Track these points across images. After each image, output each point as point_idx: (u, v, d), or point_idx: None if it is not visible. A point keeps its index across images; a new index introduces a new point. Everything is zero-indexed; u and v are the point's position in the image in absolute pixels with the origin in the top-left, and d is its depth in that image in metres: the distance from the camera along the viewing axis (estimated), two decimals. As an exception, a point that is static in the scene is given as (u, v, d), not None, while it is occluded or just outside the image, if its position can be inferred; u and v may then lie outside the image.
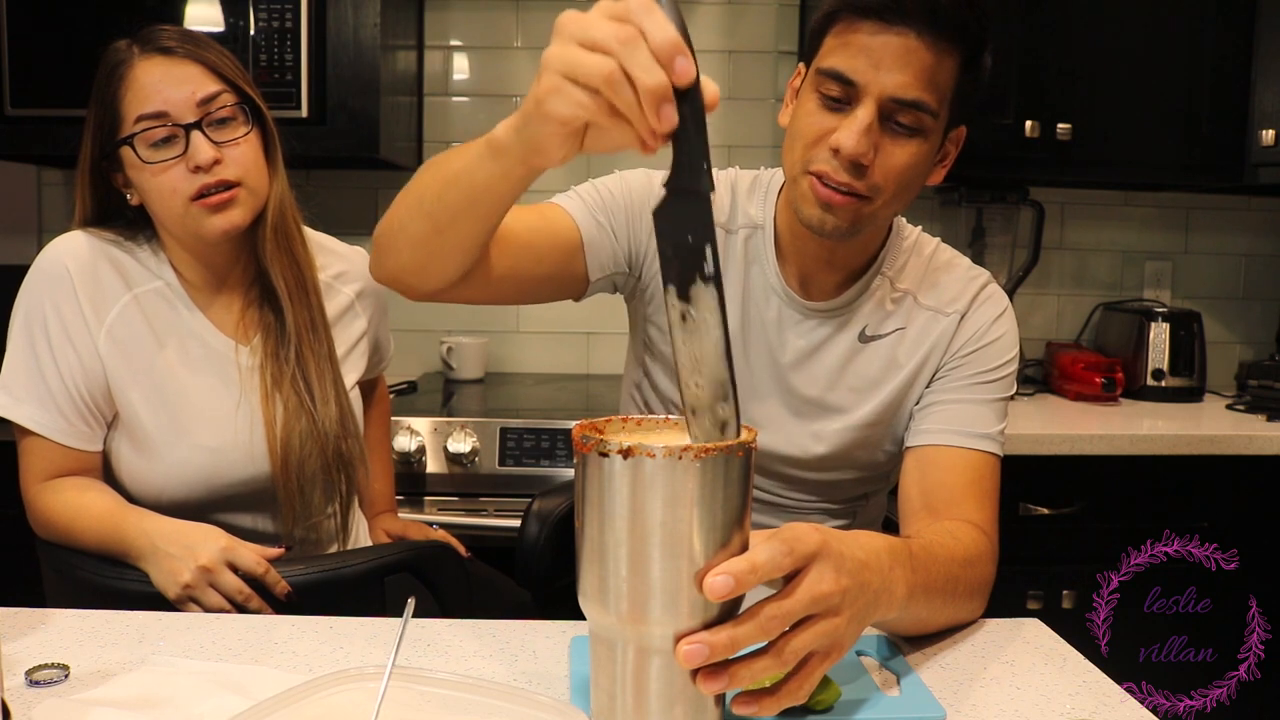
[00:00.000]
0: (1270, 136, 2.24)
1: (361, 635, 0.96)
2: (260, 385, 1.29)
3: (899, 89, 1.01)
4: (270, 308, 1.32)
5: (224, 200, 1.23)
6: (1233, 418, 2.22)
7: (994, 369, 1.17)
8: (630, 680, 0.69)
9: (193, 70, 1.23)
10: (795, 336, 1.19)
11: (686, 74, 0.63)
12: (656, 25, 0.63)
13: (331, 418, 1.30)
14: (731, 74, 2.59)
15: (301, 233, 1.35)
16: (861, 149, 1.02)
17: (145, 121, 1.21)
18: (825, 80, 1.04)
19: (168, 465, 1.25)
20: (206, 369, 1.29)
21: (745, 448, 0.68)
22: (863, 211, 1.06)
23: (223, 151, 1.22)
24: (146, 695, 0.81)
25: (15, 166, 2.48)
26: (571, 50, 0.66)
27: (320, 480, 1.30)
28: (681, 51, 0.63)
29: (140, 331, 1.26)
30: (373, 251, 1.05)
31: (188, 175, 1.21)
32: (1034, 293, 2.64)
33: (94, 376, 1.23)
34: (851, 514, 1.27)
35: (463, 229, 0.93)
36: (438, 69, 2.58)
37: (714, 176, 0.67)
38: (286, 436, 1.27)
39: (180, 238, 1.28)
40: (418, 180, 0.97)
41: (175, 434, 1.25)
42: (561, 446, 1.94)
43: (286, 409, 1.28)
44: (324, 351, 1.32)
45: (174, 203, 1.23)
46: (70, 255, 1.24)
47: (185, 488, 1.25)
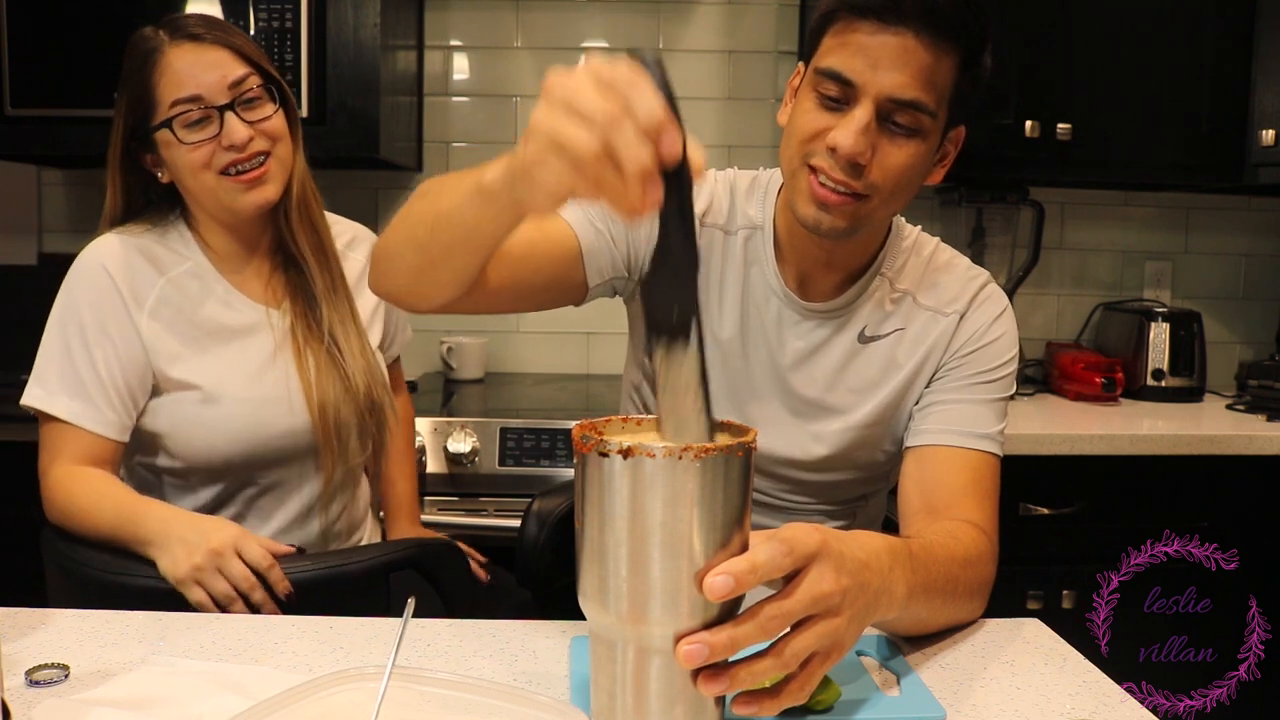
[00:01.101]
0: (1270, 136, 2.24)
1: (361, 635, 0.96)
2: (292, 343, 1.38)
3: (897, 89, 1.01)
4: (295, 273, 1.41)
5: (257, 177, 1.31)
6: (1233, 418, 2.22)
7: (993, 369, 1.17)
8: (630, 680, 0.69)
9: (222, 55, 1.30)
10: (794, 337, 1.19)
11: (672, 151, 0.62)
12: (643, 99, 0.62)
13: (359, 369, 1.39)
14: (731, 74, 2.60)
15: (320, 204, 1.44)
16: (859, 148, 1.02)
17: (181, 105, 1.28)
18: (823, 80, 1.04)
19: (215, 422, 1.32)
20: (243, 332, 1.37)
21: (745, 448, 0.68)
22: (860, 211, 1.06)
23: (254, 129, 1.30)
24: (146, 695, 0.81)
25: (15, 166, 2.48)
26: (559, 120, 0.64)
27: (355, 426, 1.39)
28: (667, 127, 0.62)
29: (178, 308, 1.34)
30: (370, 268, 1.07)
31: (220, 151, 1.29)
32: (1034, 293, 2.64)
33: (132, 363, 1.30)
34: (851, 515, 1.27)
35: (456, 262, 0.93)
36: (438, 69, 2.58)
37: (698, 246, 0.67)
38: (322, 389, 1.36)
39: (213, 212, 1.36)
40: (412, 209, 0.96)
41: (220, 393, 1.33)
42: (561, 446, 1.94)
43: (318, 364, 1.37)
44: (346, 311, 1.42)
45: (207, 178, 1.30)
46: (106, 255, 1.32)
47: (233, 442, 1.32)
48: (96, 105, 1.47)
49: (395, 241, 0.98)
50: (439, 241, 0.90)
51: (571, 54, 2.59)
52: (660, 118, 0.62)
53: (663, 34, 2.59)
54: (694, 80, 2.59)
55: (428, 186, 0.96)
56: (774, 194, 1.20)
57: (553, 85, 0.66)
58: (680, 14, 2.58)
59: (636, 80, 0.63)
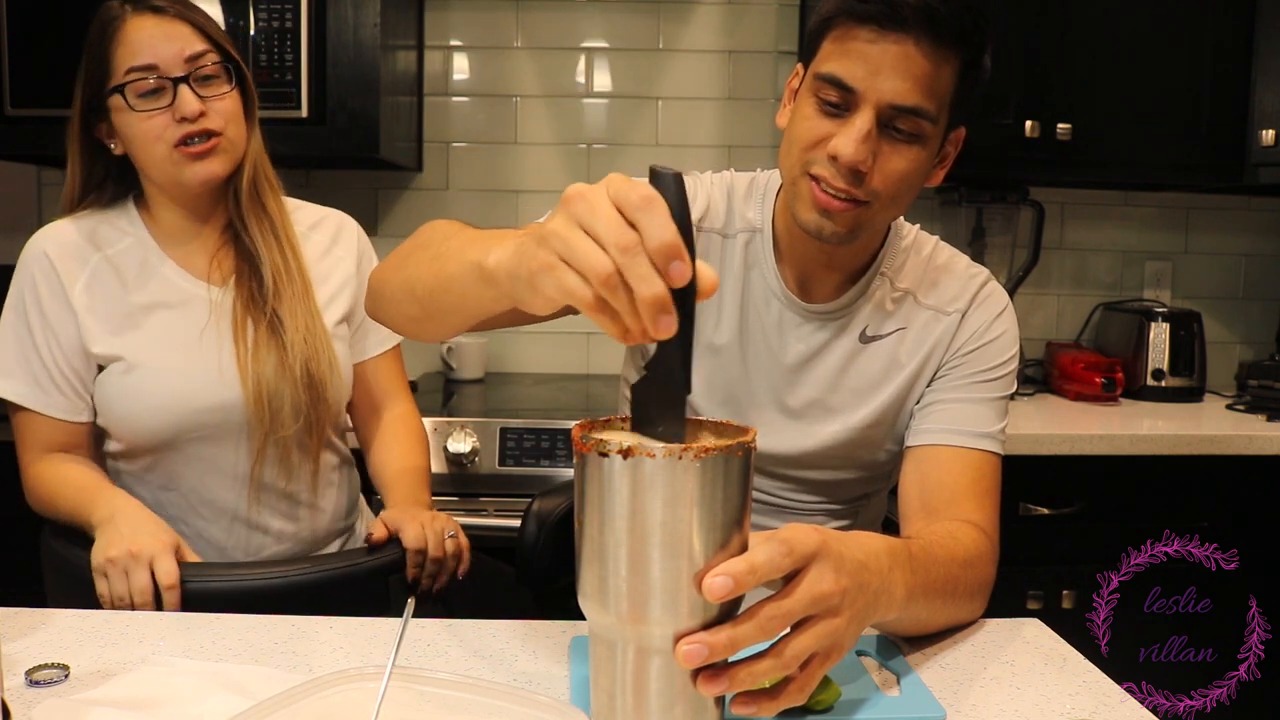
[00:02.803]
0: (1270, 136, 2.24)
1: (361, 635, 0.96)
2: (231, 315, 1.36)
3: (897, 96, 1.01)
4: (243, 254, 1.39)
5: (205, 150, 1.30)
6: (1233, 418, 2.22)
7: (994, 367, 1.17)
8: (630, 680, 0.69)
9: (182, 29, 1.31)
10: (796, 340, 1.19)
11: (681, 278, 0.62)
12: (657, 226, 0.62)
13: (299, 341, 1.35)
14: (731, 74, 2.59)
15: (275, 188, 1.42)
16: (860, 157, 1.02)
17: (135, 73, 1.28)
18: (823, 85, 1.03)
19: (141, 395, 1.31)
20: (177, 307, 1.36)
21: (745, 448, 0.68)
22: (861, 217, 1.06)
23: (207, 105, 1.30)
24: (146, 695, 0.81)
25: (15, 166, 2.48)
26: (574, 235, 0.64)
27: (288, 398, 1.34)
28: (679, 255, 0.62)
29: (110, 284, 1.34)
30: (367, 297, 1.07)
31: (172, 124, 1.29)
32: (1034, 293, 2.64)
33: (70, 344, 1.32)
34: (853, 514, 1.27)
35: (454, 319, 0.92)
36: (438, 69, 2.58)
37: (692, 359, 0.67)
38: (258, 362, 1.33)
39: (162, 184, 1.35)
40: (412, 258, 0.95)
41: (140, 361, 1.32)
42: (561, 446, 1.94)
43: (257, 339, 1.35)
44: (298, 290, 1.39)
45: (158, 149, 1.30)
46: (48, 239, 1.34)
47: (159, 415, 1.31)
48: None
49: (393, 285, 0.98)
50: (438, 303, 0.90)
51: (571, 54, 2.59)
52: (674, 243, 0.62)
53: (663, 34, 2.59)
54: (694, 80, 2.59)
55: (431, 234, 0.95)
56: (772, 196, 1.20)
57: (572, 197, 0.65)
58: (680, 14, 2.58)
59: (653, 203, 0.62)
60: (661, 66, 2.59)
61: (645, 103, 2.60)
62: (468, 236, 0.86)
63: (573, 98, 2.60)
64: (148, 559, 1.13)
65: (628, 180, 0.64)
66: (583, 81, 2.60)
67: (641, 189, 0.63)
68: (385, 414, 1.52)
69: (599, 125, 2.61)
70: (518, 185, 2.60)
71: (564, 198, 0.66)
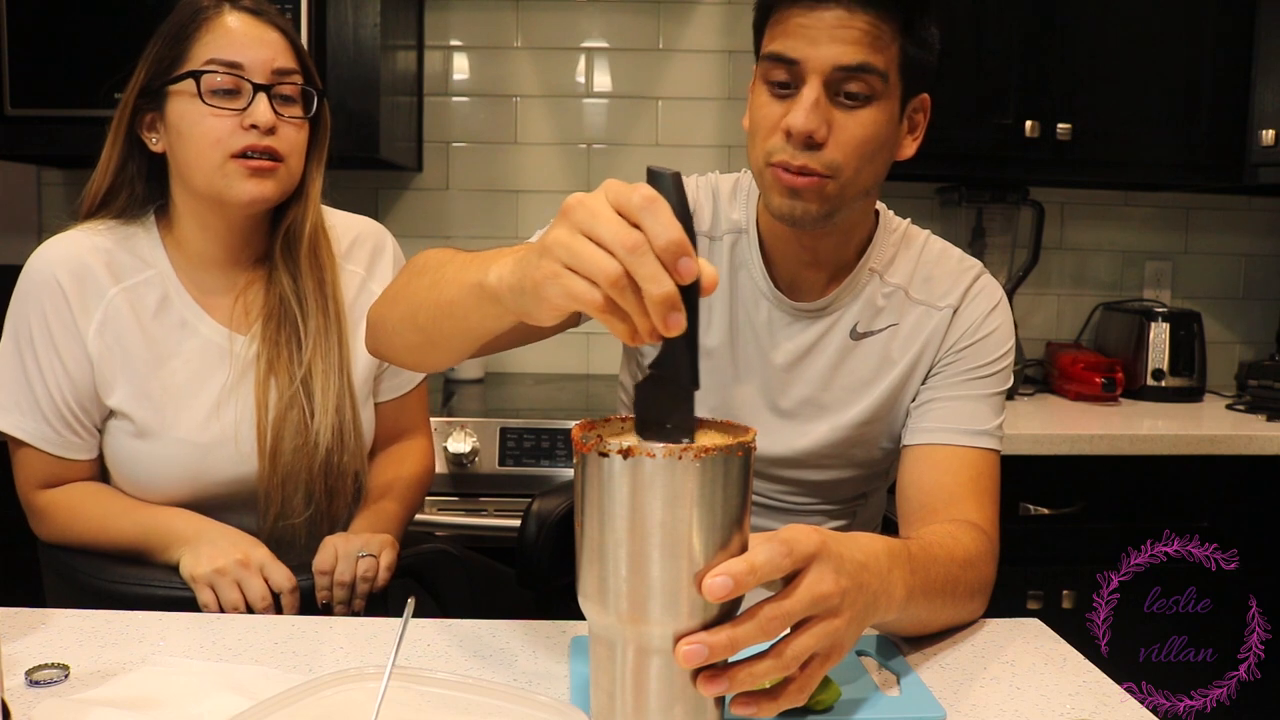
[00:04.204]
0: (1270, 136, 2.24)
1: (361, 635, 0.96)
2: (255, 372, 1.26)
3: (840, 57, 1.02)
4: (273, 296, 1.28)
5: (264, 168, 1.21)
6: (1233, 418, 2.22)
7: (990, 363, 1.16)
8: (630, 680, 0.69)
9: (278, 39, 1.23)
10: (786, 339, 1.19)
11: (690, 275, 0.62)
12: (661, 225, 0.62)
13: (328, 426, 1.26)
14: (731, 74, 2.59)
15: (327, 236, 1.33)
16: (812, 125, 1.02)
17: (217, 65, 1.19)
18: (770, 67, 1.05)
19: (154, 463, 1.24)
20: (198, 361, 1.26)
21: (745, 448, 0.68)
22: (827, 190, 1.06)
23: (279, 125, 1.22)
24: (146, 695, 0.81)
25: (15, 166, 2.48)
26: (578, 242, 0.64)
27: (304, 485, 1.27)
28: (686, 252, 0.62)
29: (127, 326, 1.24)
30: (367, 333, 1.07)
31: (239, 130, 1.20)
32: (1034, 293, 2.65)
33: (81, 382, 1.23)
34: (851, 514, 1.27)
35: (456, 345, 0.92)
36: (438, 69, 2.58)
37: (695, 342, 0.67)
38: (278, 428, 1.25)
39: (202, 195, 1.24)
40: (411, 288, 0.95)
41: (162, 429, 1.23)
42: (561, 446, 1.94)
43: (281, 398, 1.25)
44: (335, 361, 1.29)
45: (213, 154, 1.20)
46: (60, 261, 1.22)
47: (171, 483, 1.24)
48: (96, 105, 1.44)
49: (393, 318, 0.98)
50: (440, 330, 0.89)
51: (571, 54, 2.58)
52: (680, 241, 0.62)
53: (663, 34, 2.59)
54: (694, 80, 2.59)
55: (425, 262, 0.95)
56: (755, 196, 1.20)
57: (572, 206, 0.65)
58: (680, 14, 2.58)
59: (655, 203, 0.62)
60: (661, 66, 2.59)
61: (645, 103, 2.60)
62: (464, 260, 0.86)
63: (573, 98, 2.60)
64: (258, 566, 1.14)
65: (625, 184, 0.64)
66: (583, 81, 2.60)
67: (642, 190, 0.63)
68: (397, 441, 1.45)
69: (599, 125, 2.61)
70: (518, 185, 2.60)
71: (563, 208, 0.66)
